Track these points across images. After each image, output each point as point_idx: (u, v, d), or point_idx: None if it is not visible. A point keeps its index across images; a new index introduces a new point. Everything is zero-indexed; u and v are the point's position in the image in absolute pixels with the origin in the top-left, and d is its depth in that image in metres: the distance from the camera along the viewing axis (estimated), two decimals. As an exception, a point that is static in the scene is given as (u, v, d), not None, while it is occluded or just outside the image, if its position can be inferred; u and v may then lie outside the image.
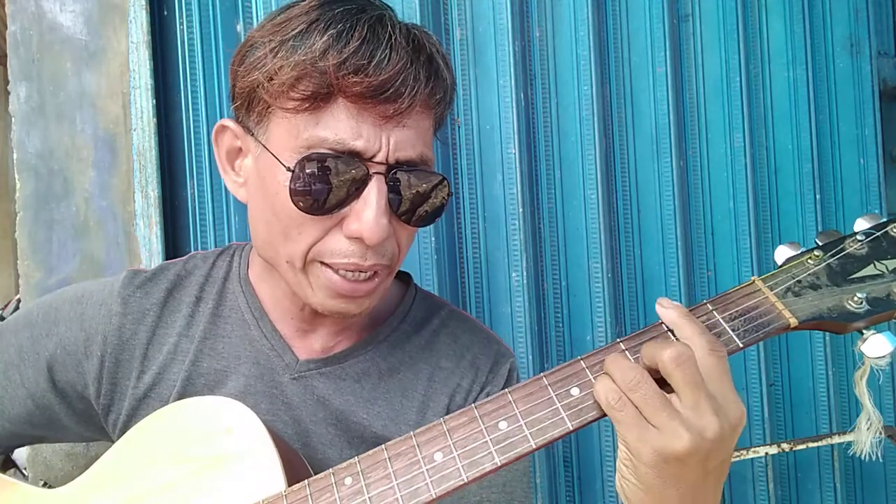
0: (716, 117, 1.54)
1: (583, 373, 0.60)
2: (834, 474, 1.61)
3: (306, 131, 0.64)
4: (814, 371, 1.60)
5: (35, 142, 1.21)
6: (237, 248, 0.86)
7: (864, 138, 1.62)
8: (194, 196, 1.25)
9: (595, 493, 1.46)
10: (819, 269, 0.61)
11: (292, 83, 0.63)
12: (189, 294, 0.80)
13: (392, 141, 0.65)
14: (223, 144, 0.74)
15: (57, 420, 0.79)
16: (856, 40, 1.62)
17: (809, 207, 1.58)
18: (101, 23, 1.23)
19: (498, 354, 0.85)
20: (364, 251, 0.67)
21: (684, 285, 1.48)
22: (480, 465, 0.58)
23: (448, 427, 0.60)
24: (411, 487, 0.58)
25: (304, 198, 0.64)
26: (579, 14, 1.43)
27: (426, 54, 0.67)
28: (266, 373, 0.77)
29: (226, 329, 0.79)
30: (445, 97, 0.71)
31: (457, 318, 0.87)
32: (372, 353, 0.80)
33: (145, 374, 0.77)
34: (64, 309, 0.79)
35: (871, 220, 0.63)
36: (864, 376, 0.61)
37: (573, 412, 0.58)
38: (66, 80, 1.22)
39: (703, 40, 1.54)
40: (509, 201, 1.38)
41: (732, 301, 0.61)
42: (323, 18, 0.64)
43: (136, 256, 1.22)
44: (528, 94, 1.42)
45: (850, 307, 0.58)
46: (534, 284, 1.40)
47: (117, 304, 0.78)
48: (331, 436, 0.77)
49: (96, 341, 0.77)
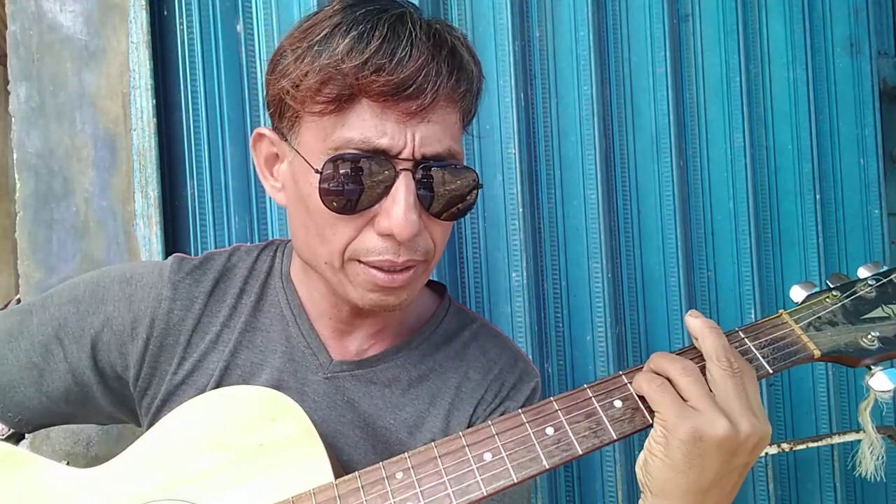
0: (716, 117, 1.54)
1: (625, 388, 0.64)
2: (834, 474, 1.61)
3: (333, 133, 0.65)
4: (814, 371, 1.60)
5: (35, 142, 1.21)
6: (280, 245, 0.87)
7: (864, 138, 1.62)
8: (194, 196, 1.25)
9: (595, 494, 1.46)
10: (836, 308, 0.68)
11: (317, 88, 0.64)
12: (234, 286, 0.81)
13: (417, 137, 0.65)
14: (261, 152, 0.75)
15: (92, 398, 0.80)
16: (856, 40, 1.62)
17: (809, 207, 1.58)
18: (101, 23, 1.23)
19: (523, 373, 0.86)
20: (397, 248, 0.68)
21: (684, 285, 1.48)
22: (528, 467, 0.60)
23: (496, 430, 0.62)
24: (462, 484, 0.60)
25: (335, 198, 0.65)
26: (579, 14, 1.43)
27: (448, 48, 0.67)
28: (299, 369, 0.78)
29: (265, 323, 0.80)
30: (472, 89, 0.71)
31: (487, 332, 0.88)
32: (403, 359, 0.81)
33: (186, 360, 0.78)
34: (113, 288, 0.79)
35: (873, 267, 0.72)
36: (868, 407, 0.68)
37: (617, 423, 0.62)
38: (66, 80, 1.22)
39: (703, 40, 1.54)
40: (509, 201, 1.38)
41: (762, 331, 0.67)
42: (345, 21, 0.65)
43: (136, 256, 1.22)
44: (528, 94, 1.42)
45: (863, 344, 0.65)
46: (534, 284, 1.40)
47: (167, 289, 0.78)
48: (357, 438, 0.78)
49: (144, 323, 0.77)
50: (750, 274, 1.53)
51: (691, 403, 0.58)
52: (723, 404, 0.58)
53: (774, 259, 1.58)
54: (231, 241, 1.27)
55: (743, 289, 1.54)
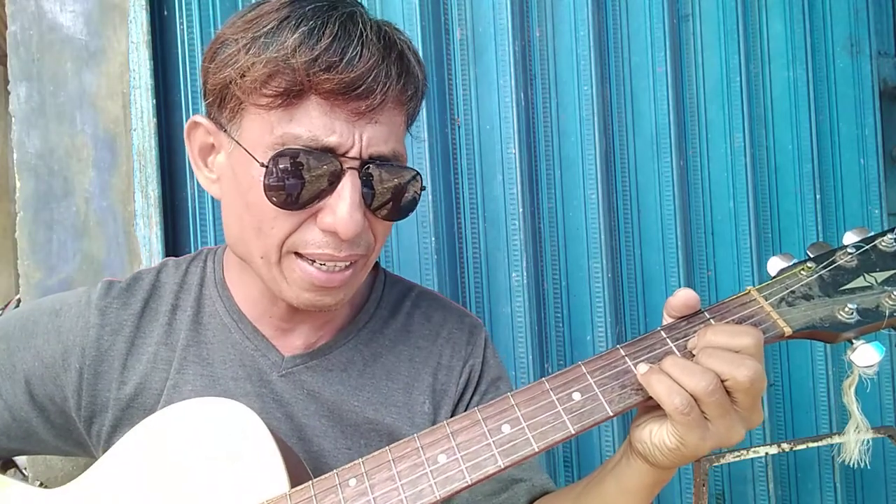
0: (716, 117, 1.54)
1: (583, 377, 0.61)
2: (834, 474, 1.61)
3: (279, 128, 0.64)
4: (814, 371, 1.60)
5: (35, 142, 1.21)
6: (209, 253, 0.86)
7: (864, 138, 1.62)
8: (194, 196, 1.25)
9: (595, 493, 1.46)
10: (811, 280, 0.63)
11: (265, 80, 0.63)
12: (165, 303, 0.80)
13: (365, 137, 0.66)
14: (195, 141, 0.74)
15: (34, 433, 0.78)
16: (856, 40, 1.62)
17: (809, 207, 1.58)
18: (101, 23, 1.23)
19: (471, 327, 0.88)
20: (339, 243, 0.68)
21: (684, 285, 1.47)
22: (483, 467, 0.58)
23: (451, 430, 0.60)
24: (416, 488, 0.58)
25: (278, 192, 0.65)
26: (579, 14, 1.43)
27: (397, 51, 0.67)
28: (253, 373, 0.78)
29: (207, 335, 0.79)
30: (417, 93, 0.72)
31: (427, 298, 0.90)
32: (354, 341, 0.82)
33: (126, 384, 0.77)
34: (41, 321, 0.78)
35: (860, 233, 0.65)
36: (852, 385, 0.63)
37: (574, 416, 0.59)
38: (67, 80, 1.22)
39: (703, 40, 1.54)
40: (509, 201, 1.38)
41: (729, 310, 0.63)
42: (294, 15, 0.64)
43: (136, 256, 1.22)
44: (528, 94, 1.42)
45: (841, 317, 0.61)
46: (534, 284, 1.40)
47: (94, 316, 0.77)
48: (324, 427, 0.78)
49: (74, 353, 0.76)
50: (750, 274, 1.53)
51: (713, 422, 0.57)
52: (740, 409, 0.57)
53: (774, 259, 1.58)
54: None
55: (743, 289, 1.53)
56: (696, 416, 0.56)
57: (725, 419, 0.56)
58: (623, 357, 0.61)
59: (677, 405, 0.55)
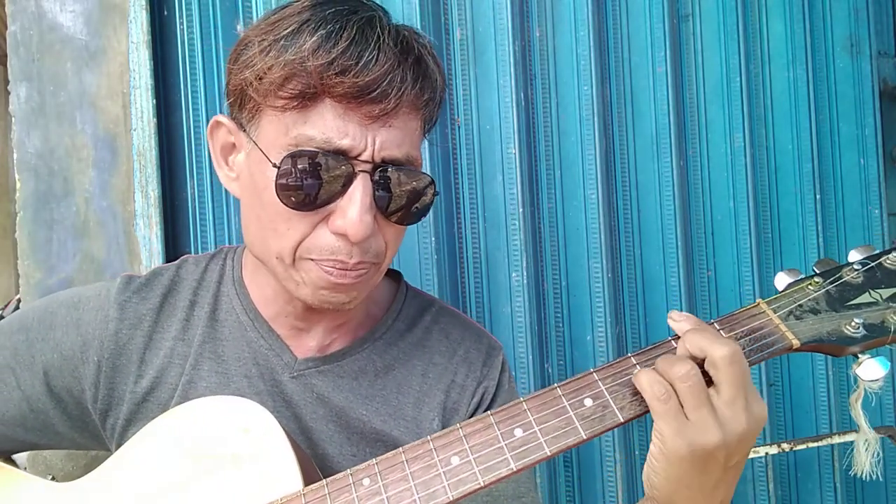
0: (716, 117, 1.54)
1: (595, 384, 0.63)
2: (834, 474, 1.61)
3: (294, 129, 0.65)
4: (814, 371, 1.60)
5: (35, 142, 1.21)
6: (229, 251, 0.86)
7: (864, 138, 1.62)
8: (194, 196, 1.25)
9: (595, 493, 1.46)
10: (819, 294, 0.65)
11: (281, 82, 0.64)
12: (183, 299, 0.81)
13: (378, 140, 0.66)
14: (218, 139, 0.75)
15: (51, 425, 0.79)
16: (856, 40, 1.62)
17: (809, 207, 1.58)
18: (101, 23, 1.23)
19: (489, 348, 0.87)
20: (349, 248, 0.68)
21: (684, 285, 1.48)
22: (496, 469, 0.59)
23: (464, 433, 0.61)
24: (429, 489, 0.59)
25: (291, 193, 0.65)
26: (579, 14, 1.43)
27: (414, 56, 0.68)
28: (266, 372, 0.78)
29: (223, 332, 0.80)
30: (435, 98, 0.72)
31: (447, 315, 0.89)
32: (368, 350, 0.82)
33: (143, 378, 0.77)
34: (60, 313, 0.78)
35: (865, 251, 0.67)
36: (858, 399, 0.65)
37: (586, 422, 0.60)
38: (66, 80, 1.22)
39: (703, 40, 1.54)
40: (509, 201, 1.38)
41: (738, 321, 0.65)
42: (314, 19, 0.65)
43: (136, 256, 1.22)
44: (528, 94, 1.42)
45: (847, 332, 0.62)
46: (534, 284, 1.40)
47: (114, 310, 0.78)
48: (331, 432, 0.78)
49: (93, 346, 0.77)
50: (750, 274, 1.53)
51: (687, 414, 0.57)
52: (721, 405, 0.57)
53: (774, 259, 1.58)
54: (231, 241, 1.27)
55: (743, 289, 1.54)
56: (674, 404, 0.57)
57: (701, 411, 0.57)
58: (634, 365, 0.63)
59: (655, 391, 0.57)
